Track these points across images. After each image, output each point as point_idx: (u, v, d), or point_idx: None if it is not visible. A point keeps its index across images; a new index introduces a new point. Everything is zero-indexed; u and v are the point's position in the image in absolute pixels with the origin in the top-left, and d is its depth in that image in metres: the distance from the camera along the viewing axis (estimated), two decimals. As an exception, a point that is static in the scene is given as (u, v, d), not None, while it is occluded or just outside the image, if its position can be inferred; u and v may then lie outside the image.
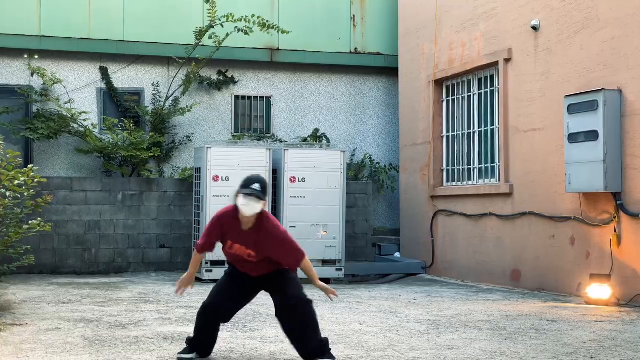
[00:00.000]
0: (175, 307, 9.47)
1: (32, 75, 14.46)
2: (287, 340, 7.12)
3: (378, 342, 7.20)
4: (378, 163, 16.07)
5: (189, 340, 6.49)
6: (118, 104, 15.06)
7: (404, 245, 14.92)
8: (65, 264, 13.58)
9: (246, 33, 14.15)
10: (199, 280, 12.73)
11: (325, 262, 13.02)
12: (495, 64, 12.52)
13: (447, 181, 13.95)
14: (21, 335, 7.32)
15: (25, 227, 9.56)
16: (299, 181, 12.83)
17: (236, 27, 14.19)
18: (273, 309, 9.17)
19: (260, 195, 6.05)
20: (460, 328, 8.03)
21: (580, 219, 10.71)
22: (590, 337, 7.49)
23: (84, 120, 14.36)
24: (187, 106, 14.92)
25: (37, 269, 13.37)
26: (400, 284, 13.08)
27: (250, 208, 6.06)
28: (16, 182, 9.30)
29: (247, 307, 9.33)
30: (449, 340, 7.34)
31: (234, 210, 6.19)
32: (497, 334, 7.70)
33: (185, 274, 6.47)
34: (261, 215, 6.18)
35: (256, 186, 6.06)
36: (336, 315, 8.91)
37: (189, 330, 7.67)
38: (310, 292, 6.72)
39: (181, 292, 6.49)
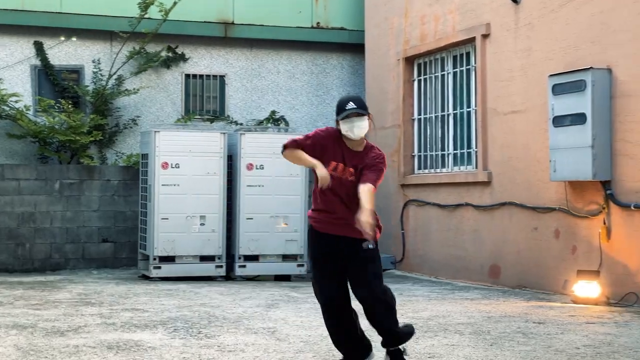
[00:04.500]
0: (120, 309, 9.08)
1: None
2: (247, 349, 6.80)
3: (350, 349, 6.86)
4: (343, 148, 15.69)
5: None
6: (55, 82, 14.53)
7: (371, 238, 14.61)
8: (-4, 261, 13.13)
9: None
10: (146, 277, 12.36)
11: (285, 257, 12.82)
12: (472, 40, 12.25)
13: (419, 168, 13.67)
14: (-56, 346, 6.88)
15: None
16: (256, 168, 12.57)
17: None
18: (228, 311, 8.97)
19: (359, 111, 5.70)
20: (439, 332, 7.75)
21: (566, 210, 10.49)
22: (584, 342, 7.25)
23: (16, 102, 13.81)
24: (133, 88, 14.44)
25: (-35, 266, 12.93)
26: (367, 280, 12.79)
27: (357, 129, 5.70)
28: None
29: (200, 309, 9.10)
30: (428, 346, 7.04)
31: (337, 131, 5.82)
32: (481, 338, 7.43)
33: (318, 169, 5.65)
34: (369, 143, 5.87)
35: (350, 105, 5.72)
36: (301, 318, 8.58)
37: (137, 337, 7.31)
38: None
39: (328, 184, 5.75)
